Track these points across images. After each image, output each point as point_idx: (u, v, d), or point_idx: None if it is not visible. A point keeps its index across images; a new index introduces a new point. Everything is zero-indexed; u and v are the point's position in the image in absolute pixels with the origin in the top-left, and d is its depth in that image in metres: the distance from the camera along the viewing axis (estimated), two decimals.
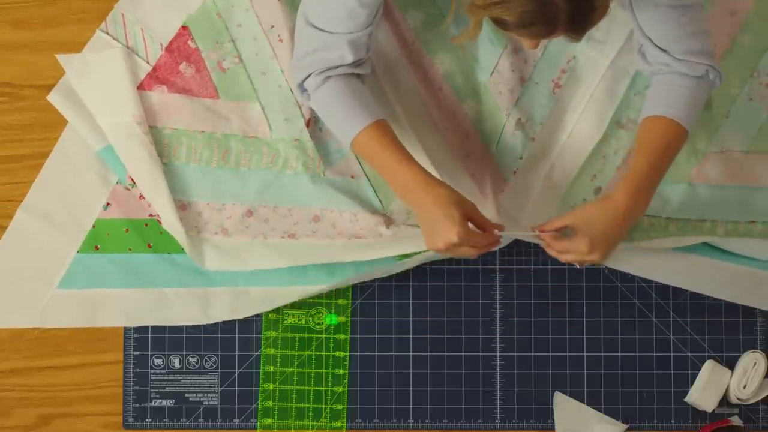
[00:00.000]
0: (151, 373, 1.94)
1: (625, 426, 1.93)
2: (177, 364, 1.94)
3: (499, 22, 1.54)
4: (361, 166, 1.94)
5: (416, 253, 1.88)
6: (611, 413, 1.94)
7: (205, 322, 1.93)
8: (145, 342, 1.94)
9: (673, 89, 1.77)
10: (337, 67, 1.76)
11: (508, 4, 1.48)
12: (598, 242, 1.71)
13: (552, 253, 1.78)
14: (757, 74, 1.95)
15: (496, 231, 1.76)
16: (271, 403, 1.94)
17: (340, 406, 1.94)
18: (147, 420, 1.94)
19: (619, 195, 1.73)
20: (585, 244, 1.71)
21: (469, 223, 1.73)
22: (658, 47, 1.76)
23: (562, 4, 1.48)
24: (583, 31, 1.53)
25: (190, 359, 1.94)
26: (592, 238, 1.71)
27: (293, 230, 1.92)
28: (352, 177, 1.94)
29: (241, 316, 1.92)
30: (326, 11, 1.72)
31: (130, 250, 1.93)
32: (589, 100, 1.93)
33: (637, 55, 1.83)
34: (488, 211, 1.92)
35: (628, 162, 1.81)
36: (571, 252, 1.74)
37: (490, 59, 1.94)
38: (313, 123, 1.93)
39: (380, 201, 1.94)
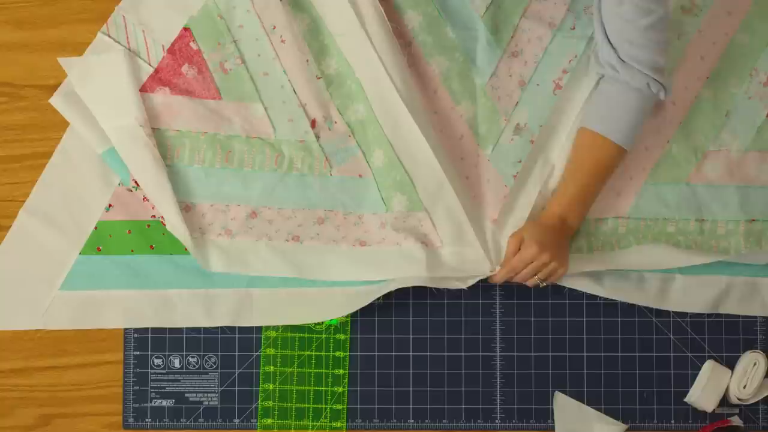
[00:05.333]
0: (151, 373, 1.94)
1: (625, 426, 1.92)
2: (177, 364, 1.94)
3: None
4: (368, 165, 1.94)
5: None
6: (611, 413, 1.93)
7: (207, 325, 1.93)
8: (145, 342, 1.94)
9: (613, 103, 1.82)
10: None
11: None
12: (546, 245, 1.82)
13: (511, 270, 1.87)
14: (755, 73, 1.95)
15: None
16: (271, 403, 1.94)
17: (340, 406, 1.94)
18: (147, 420, 1.94)
19: (552, 207, 1.86)
20: (533, 246, 1.82)
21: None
22: (610, 43, 1.79)
23: None
24: None
25: (190, 359, 1.94)
26: (538, 241, 1.82)
27: (297, 232, 1.92)
28: (360, 176, 1.94)
29: (242, 324, 1.93)
30: None
31: (132, 251, 1.93)
32: (587, 100, 1.92)
33: (591, 54, 1.88)
34: (485, 216, 1.93)
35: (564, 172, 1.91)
36: (525, 258, 1.83)
37: (489, 62, 1.94)
38: (320, 123, 1.94)
39: (383, 201, 1.93)
